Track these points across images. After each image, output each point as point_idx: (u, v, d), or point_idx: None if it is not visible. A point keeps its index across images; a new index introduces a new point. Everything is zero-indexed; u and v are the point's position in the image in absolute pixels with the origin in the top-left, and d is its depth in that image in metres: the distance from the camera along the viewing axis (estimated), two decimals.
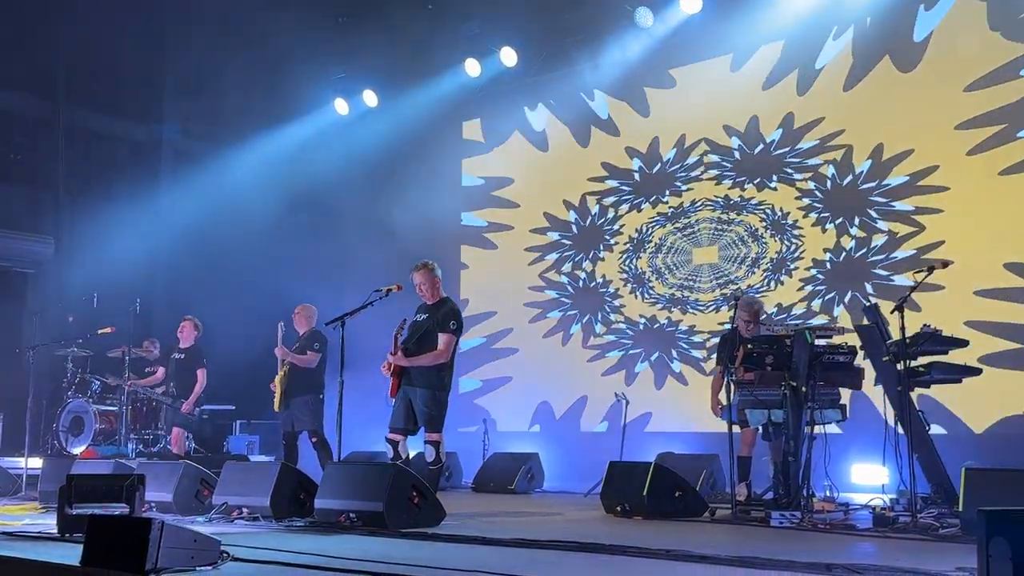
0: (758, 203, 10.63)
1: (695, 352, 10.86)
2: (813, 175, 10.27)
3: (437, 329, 7.01)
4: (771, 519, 6.14)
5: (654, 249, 11.38)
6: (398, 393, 7.04)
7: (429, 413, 6.94)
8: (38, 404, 10.38)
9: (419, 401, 6.96)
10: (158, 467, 7.30)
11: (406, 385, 7.00)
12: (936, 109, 9.51)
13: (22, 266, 13.74)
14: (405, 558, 4.35)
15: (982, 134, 9.19)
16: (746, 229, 10.69)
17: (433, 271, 7.20)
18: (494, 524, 6.33)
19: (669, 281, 11.18)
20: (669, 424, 10.87)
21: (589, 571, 3.91)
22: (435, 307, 7.15)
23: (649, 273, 11.37)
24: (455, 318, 7.08)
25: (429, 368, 6.97)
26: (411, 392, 7.00)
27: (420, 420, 6.97)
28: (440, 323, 7.02)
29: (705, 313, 10.85)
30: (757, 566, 4.17)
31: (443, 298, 7.24)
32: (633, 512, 6.70)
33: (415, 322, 7.17)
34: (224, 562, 4.10)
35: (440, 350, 6.96)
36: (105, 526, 4.11)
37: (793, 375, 6.52)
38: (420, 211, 12.25)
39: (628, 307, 11.49)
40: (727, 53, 10.89)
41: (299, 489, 6.53)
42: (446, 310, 7.11)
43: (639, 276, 11.45)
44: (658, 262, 11.32)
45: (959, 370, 6.87)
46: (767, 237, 10.55)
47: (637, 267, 11.48)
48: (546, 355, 12.06)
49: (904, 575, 3.87)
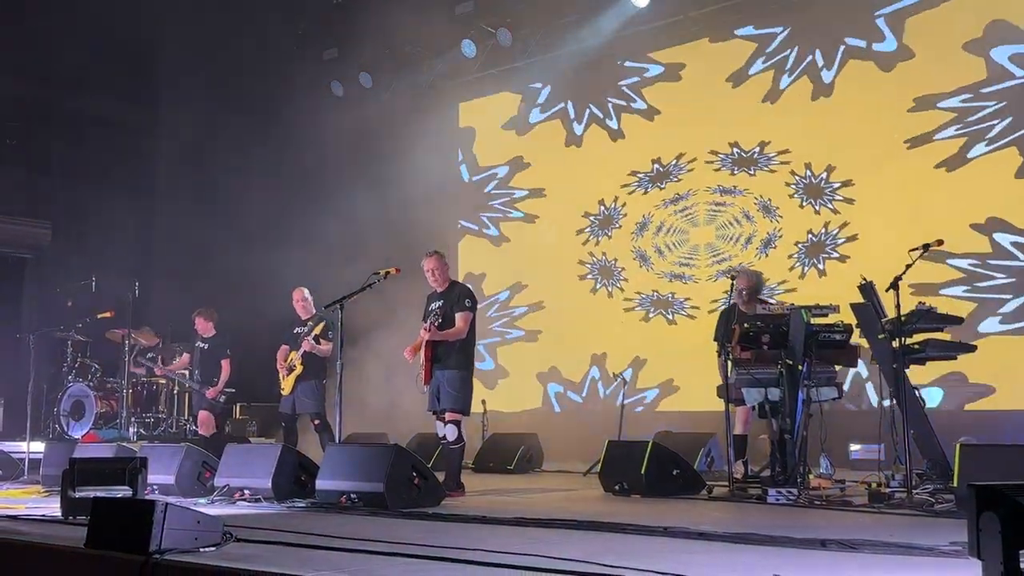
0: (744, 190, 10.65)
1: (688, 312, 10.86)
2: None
3: (454, 309, 7.21)
4: (768, 496, 6.19)
5: (654, 230, 11.40)
6: (432, 380, 7.16)
7: (455, 395, 7.12)
8: (39, 389, 10.41)
9: (447, 384, 7.13)
10: (160, 450, 7.34)
11: (438, 369, 7.16)
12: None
13: (20, 251, 13.74)
14: (406, 538, 4.39)
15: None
16: (741, 211, 10.70)
17: (444, 258, 7.48)
18: (494, 504, 6.39)
19: (668, 259, 11.20)
20: (667, 403, 10.93)
21: (589, 548, 3.95)
22: (447, 291, 7.37)
23: (650, 251, 11.40)
24: (469, 296, 7.34)
25: (456, 350, 7.17)
26: (442, 376, 7.16)
27: (445, 401, 7.11)
28: (456, 303, 7.24)
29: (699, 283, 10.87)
30: (754, 542, 4.22)
31: (453, 282, 7.49)
32: (632, 491, 6.76)
33: (429, 311, 7.34)
34: (227, 543, 4.13)
35: (459, 327, 7.17)
36: (109, 508, 4.15)
37: (789, 354, 6.56)
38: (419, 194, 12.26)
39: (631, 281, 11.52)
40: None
41: (300, 471, 6.58)
42: (459, 291, 7.37)
43: (643, 255, 11.47)
44: (658, 241, 11.34)
45: (954, 347, 6.92)
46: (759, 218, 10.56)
47: (640, 248, 11.51)
48: (546, 335, 12.10)
49: (899, 550, 3.92)
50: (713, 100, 10.91)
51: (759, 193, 10.60)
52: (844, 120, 10.00)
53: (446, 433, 7.12)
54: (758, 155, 10.60)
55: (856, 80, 9.96)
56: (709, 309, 10.42)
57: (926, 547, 3.92)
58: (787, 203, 10.40)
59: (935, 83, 9.43)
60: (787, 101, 10.45)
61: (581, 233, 11.95)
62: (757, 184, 10.61)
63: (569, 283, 11.95)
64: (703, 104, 11.00)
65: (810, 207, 10.24)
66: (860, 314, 7.14)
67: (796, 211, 10.34)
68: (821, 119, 10.20)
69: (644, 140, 11.52)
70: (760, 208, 10.57)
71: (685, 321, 10.99)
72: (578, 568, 3.42)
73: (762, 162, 10.57)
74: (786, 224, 10.39)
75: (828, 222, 10.09)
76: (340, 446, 6.84)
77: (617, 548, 4.12)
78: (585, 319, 11.70)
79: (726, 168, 10.81)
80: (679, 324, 11.04)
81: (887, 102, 9.73)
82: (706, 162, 10.95)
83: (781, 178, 10.44)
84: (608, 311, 11.59)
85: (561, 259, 12.03)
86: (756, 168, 10.60)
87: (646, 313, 11.32)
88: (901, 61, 9.71)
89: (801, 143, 10.34)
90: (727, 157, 10.81)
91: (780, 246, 10.39)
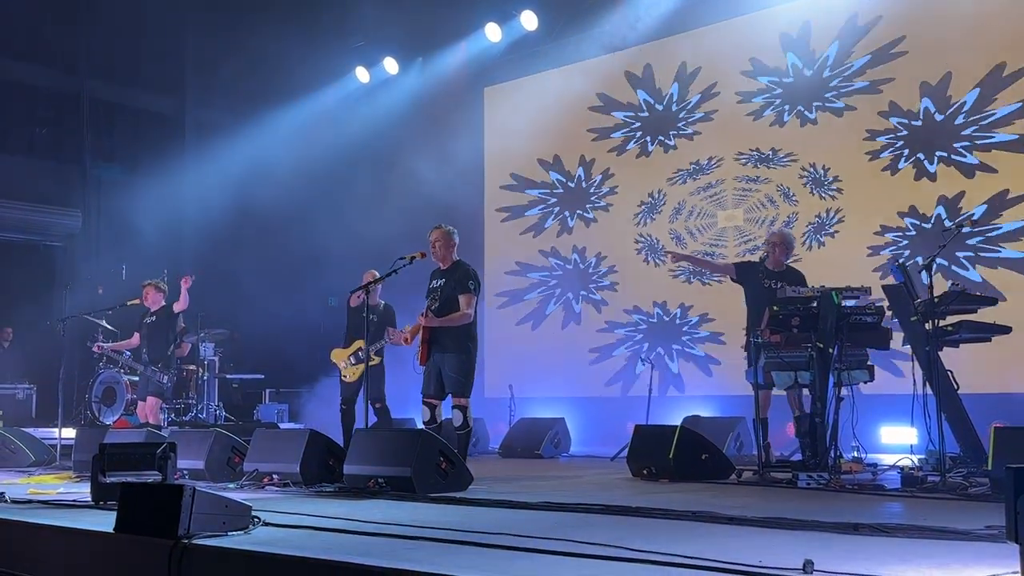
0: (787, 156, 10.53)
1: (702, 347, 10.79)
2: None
3: (457, 291, 7.07)
4: (798, 481, 6.13)
5: (673, 212, 11.31)
6: (428, 361, 7.07)
7: (458, 379, 6.99)
8: (70, 375, 10.51)
9: (448, 368, 7.00)
10: (190, 435, 7.39)
11: (436, 352, 7.04)
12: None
13: (51, 240, 13.90)
14: (433, 522, 4.38)
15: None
16: (777, 188, 10.57)
17: (451, 234, 7.27)
18: (521, 488, 6.37)
19: (690, 247, 11.11)
20: (695, 388, 10.86)
21: (616, 533, 3.92)
22: (450, 270, 7.21)
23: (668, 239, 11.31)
24: (473, 278, 7.16)
25: (458, 332, 7.02)
26: (441, 359, 7.03)
27: (448, 386, 7.00)
28: (459, 284, 7.09)
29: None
30: (784, 527, 4.17)
31: (457, 261, 7.28)
32: (660, 475, 6.72)
33: (431, 288, 7.22)
34: (255, 527, 4.15)
35: (463, 311, 7.03)
36: (138, 493, 4.17)
37: (820, 336, 6.48)
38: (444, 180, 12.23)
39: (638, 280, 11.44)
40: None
41: (328, 455, 6.59)
42: (462, 271, 7.18)
43: (653, 245, 11.38)
44: (678, 226, 11.25)
45: (988, 328, 6.78)
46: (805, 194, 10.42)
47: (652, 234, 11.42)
48: (572, 320, 12.07)
49: (933, 534, 3.86)
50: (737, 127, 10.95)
51: (779, 182, 10.55)
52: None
53: (452, 418, 7.06)
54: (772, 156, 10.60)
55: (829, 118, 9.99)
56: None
57: (962, 531, 3.85)
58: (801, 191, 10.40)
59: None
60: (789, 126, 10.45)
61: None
62: (776, 175, 10.58)
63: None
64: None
65: (817, 195, 10.24)
66: (892, 296, 7.04)
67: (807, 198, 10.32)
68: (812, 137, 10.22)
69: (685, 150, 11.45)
70: (781, 194, 10.54)
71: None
72: (604, 552, 3.39)
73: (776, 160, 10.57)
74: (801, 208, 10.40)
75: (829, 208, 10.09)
76: (368, 431, 6.85)
77: (644, 532, 4.08)
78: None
79: (751, 163, 10.78)
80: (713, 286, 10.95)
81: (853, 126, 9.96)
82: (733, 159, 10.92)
83: (794, 171, 10.44)
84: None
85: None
86: (773, 164, 10.60)
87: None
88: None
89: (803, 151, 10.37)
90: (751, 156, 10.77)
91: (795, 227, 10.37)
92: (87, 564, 4.19)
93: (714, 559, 3.17)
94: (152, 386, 9.56)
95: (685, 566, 3.15)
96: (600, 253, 11.97)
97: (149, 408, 9.54)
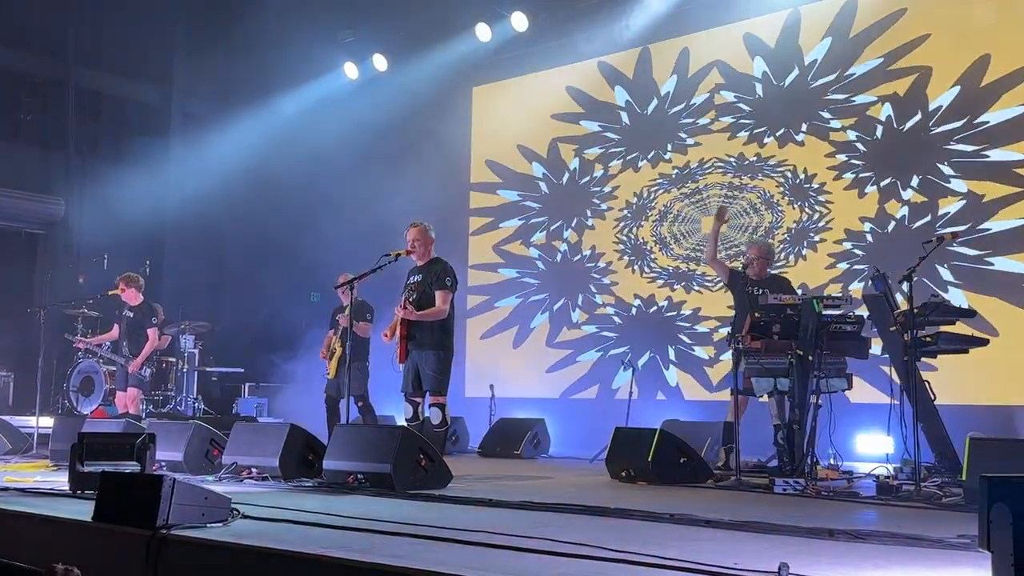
0: (777, 163, 10.57)
1: (697, 350, 10.85)
2: (858, 119, 10.01)
3: (434, 287, 7.07)
4: (775, 486, 6.17)
5: (658, 217, 11.35)
6: (407, 359, 7.08)
7: (436, 377, 6.99)
8: (49, 364, 10.45)
9: (426, 366, 7.00)
10: (168, 427, 7.37)
11: (414, 350, 7.04)
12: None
13: (32, 227, 13.79)
14: (412, 518, 4.40)
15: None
16: (759, 196, 10.64)
17: (428, 231, 7.26)
18: (500, 487, 6.39)
19: (675, 252, 11.15)
20: (675, 391, 10.91)
21: (594, 533, 3.94)
22: (427, 267, 7.20)
23: (652, 243, 11.35)
24: (450, 274, 7.15)
25: (434, 329, 7.03)
26: (419, 356, 7.04)
27: (426, 384, 7.01)
28: (436, 281, 7.08)
29: (712, 291, 10.81)
30: (761, 531, 4.21)
31: (434, 258, 7.28)
32: (638, 478, 6.76)
33: (408, 284, 7.23)
34: (234, 519, 4.15)
35: (439, 307, 7.02)
36: (117, 483, 4.17)
37: (800, 344, 6.53)
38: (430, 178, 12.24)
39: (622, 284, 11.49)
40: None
41: (308, 450, 6.60)
42: (439, 268, 7.17)
43: (639, 247, 11.43)
44: (663, 231, 11.30)
45: (966, 340, 6.87)
46: (784, 204, 10.49)
47: (638, 236, 11.45)
48: (555, 321, 12.10)
49: (907, 541, 3.90)
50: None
51: (763, 189, 10.63)
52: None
53: (430, 416, 7.06)
54: (756, 162, 10.66)
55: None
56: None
57: (934, 539, 3.90)
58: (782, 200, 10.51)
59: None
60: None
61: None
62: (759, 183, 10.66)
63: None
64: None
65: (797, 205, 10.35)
66: (872, 305, 7.10)
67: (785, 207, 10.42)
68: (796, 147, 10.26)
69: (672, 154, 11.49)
70: (763, 202, 10.59)
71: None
72: (583, 552, 3.41)
73: (761, 167, 10.63)
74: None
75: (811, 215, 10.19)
76: (348, 426, 6.85)
77: (622, 533, 4.11)
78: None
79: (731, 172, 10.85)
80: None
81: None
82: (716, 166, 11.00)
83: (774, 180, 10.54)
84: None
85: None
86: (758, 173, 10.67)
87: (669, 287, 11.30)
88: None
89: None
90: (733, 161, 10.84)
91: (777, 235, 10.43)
92: (64, 552, 4.17)
93: (691, 560, 3.20)
94: (132, 378, 9.55)
95: (662, 567, 3.18)
96: (585, 254, 12.00)
97: (130, 399, 9.53)
